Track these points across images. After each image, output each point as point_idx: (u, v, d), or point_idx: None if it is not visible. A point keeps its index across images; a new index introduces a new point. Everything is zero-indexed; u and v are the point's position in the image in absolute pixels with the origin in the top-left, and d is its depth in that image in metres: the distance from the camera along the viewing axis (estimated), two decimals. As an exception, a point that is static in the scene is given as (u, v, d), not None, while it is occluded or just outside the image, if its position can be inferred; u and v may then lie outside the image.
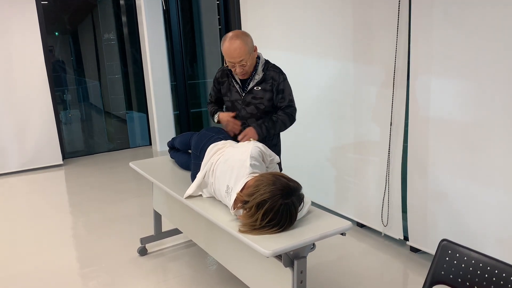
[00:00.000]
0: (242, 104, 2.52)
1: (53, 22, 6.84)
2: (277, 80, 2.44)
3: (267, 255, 1.60)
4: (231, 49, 2.31)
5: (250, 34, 2.39)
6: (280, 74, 2.46)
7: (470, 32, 2.28)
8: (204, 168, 2.16)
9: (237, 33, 2.35)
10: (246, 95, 2.49)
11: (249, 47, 2.34)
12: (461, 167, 2.46)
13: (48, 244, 3.34)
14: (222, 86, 2.60)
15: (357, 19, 2.99)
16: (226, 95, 2.59)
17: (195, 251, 3.11)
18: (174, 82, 6.32)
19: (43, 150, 5.59)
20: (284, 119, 2.45)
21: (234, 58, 2.33)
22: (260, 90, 2.46)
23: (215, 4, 5.88)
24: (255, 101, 2.48)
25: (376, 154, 3.06)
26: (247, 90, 2.48)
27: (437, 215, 2.66)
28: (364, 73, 3.03)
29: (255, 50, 2.41)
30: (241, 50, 2.31)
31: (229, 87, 2.55)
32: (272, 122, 2.44)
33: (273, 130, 2.45)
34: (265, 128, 2.42)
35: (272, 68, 2.48)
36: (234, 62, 2.35)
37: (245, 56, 2.33)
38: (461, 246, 1.48)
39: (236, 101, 2.54)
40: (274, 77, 2.45)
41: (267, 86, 2.45)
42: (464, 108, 2.39)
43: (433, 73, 2.51)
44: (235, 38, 2.31)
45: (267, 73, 2.45)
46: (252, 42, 2.38)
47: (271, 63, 2.51)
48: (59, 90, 6.90)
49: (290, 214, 1.73)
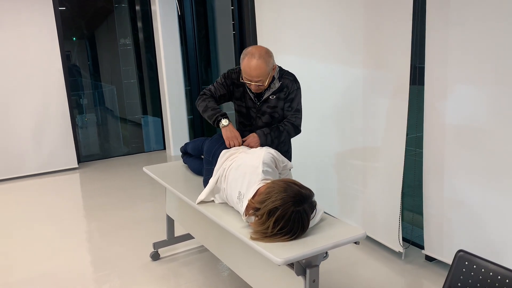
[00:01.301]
0: (257, 113, 2.49)
1: (71, 27, 6.95)
2: (290, 89, 2.41)
3: (279, 263, 1.58)
4: (251, 67, 2.24)
5: (271, 52, 2.31)
6: (293, 82, 2.42)
7: (487, 37, 2.24)
8: (217, 174, 2.15)
9: (260, 52, 2.25)
10: (261, 104, 2.46)
11: (269, 68, 2.27)
12: (479, 174, 2.41)
13: (62, 248, 3.37)
14: (237, 89, 2.51)
15: (370, 25, 2.96)
16: (241, 100, 2.53)
17: (207, 256, 3.10)
18: (188, 87, 6.35)
19: (59, 154, 5.67)
20: (289, 129, 2.42)
21: (252, 77, 2.27)
22: (275, 98, 2.42)
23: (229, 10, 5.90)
24: (270, 110, 2.45)
25: (387, 162, 3.01)
26: (263, 99, 2.45)
27: (453, 223, 2.60)
28: (376, 80, 2.99)
29: (274, 69, 2.34)
30: (261, 70, 2.24)
31: (244, 93, 2.50)
32: (279, 132, 2.40)
33: (277, 139, 2.40)
34: (270, 138, 2.37)
35: (286, 75, 2.43)
36: (251, 80, 2.29)
37: (263, 77, 2.27)
38: (479, 257, 1.45)
39: (251, 109, 2.51)
40: (288, 85, 2.41)
41: (282, 95, 2.42)
42: (482, 114, 2.34)
43: (449, 78, 2.47)
44: (258, 58, 2.23)
45: (283, 81, 2.41)
46: (273, 62, 2.31)
47: (285, 70, 2.47)
48: (76, 94, 6.98)
49: (302, 222, 1.71)
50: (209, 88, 2.53)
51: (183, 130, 6.37)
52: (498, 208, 2.34)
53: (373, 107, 3.05)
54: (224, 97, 2.54)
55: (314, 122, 3.65)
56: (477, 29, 2.28)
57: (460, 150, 2.48)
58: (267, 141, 2.36)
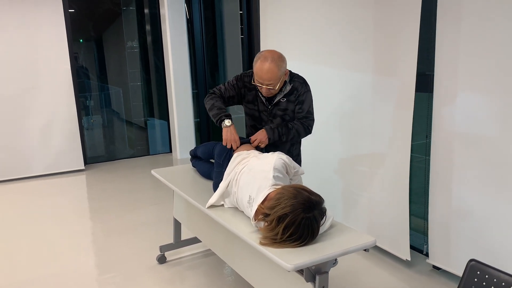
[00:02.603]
0: (269, 116, 2.51)
1: (79, 29, 6.99)
2: (300, 91, 2.44)
3: (289, 269, 1.58)
4: (263, 70, 2.26)
5: (284, 57, 2.33)
6: (303, 85, 2.46)
7: (498, 44, 2.23)
8: (228, 177, 2.15)
9: (273, 56, 2.27)
10: (273, 107, 2.48)
11: (281, 72, 2.29)
12: (487, 183, 2.40)
13: (67, 249, 3.38)
14: (249, 92, 2.53)
15: (377, 30, 2.96)
16: (253, 103, 2.55)
17: (214, 260, 3.10)
18: (195, 90, 6.37)
19: (66, 155, 5.69)
20: (299, 128, 2.44)
21: (263, 80, 2.29)
22: (285, 101, 2.45)
23: (238, 14, 5.92)
24: (281, 113, 2.47)
25: (395, 169, 3.00)
26: (274, 102, 2.47)
27: (460, 232, 2.59)
28: (384, 86, 2.99)
29: (286, 74, 2.36)
30: (273, 74, 2.26)
31: (256, 96, 2.52)
32: (287, 129, 2.42)
33: (285, 137, 2.42)
34: (277, 133, 2.41)
35: (296, 78, 2.46)
36: (262, 84, 2.31)
37: (275, 81, 2.29)
38: (491, 267, 1.44)
39: (262, 112, 2.53)
40: (298, 88, 2.44)
41: (292, 97, 2.45)
42: (491, 123, 2.33)
43: (459, 86, 2.46)
44: (270, 61, 2.25)
45: (293, 84, 2.44)
46: (285, 67, 2.32)
47: (295, 73, 2.49)
48: (82, 96, 7.02)
49: (312, 228, 1.71)
50: (219, 87, 2.55)
51: (190, 133, 6.38)
52: (506, 217, 2.33)
53: (379, 113, 3.05)
54: (233, 99, 2.55)
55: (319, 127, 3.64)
56: (487, 38, 2.28)
57: (468, 158, 2.48)
58: (274, 136, 2.40)
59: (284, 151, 2.49)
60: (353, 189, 3.39)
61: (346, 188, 3.47)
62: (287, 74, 2.40)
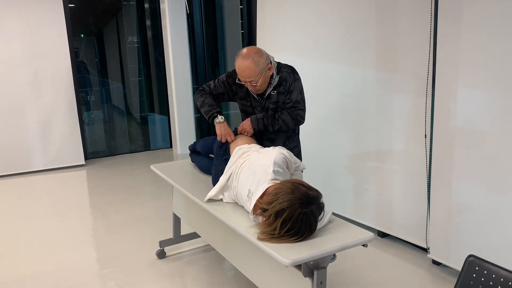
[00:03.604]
0: (262, 110, 2.51)
1: (79, 24, 6.97)
2: (288, 81, 2.41)
3: (287, 265, 1.58)
4: (241, 68, 2.28)
5: (264, 52, 2.32)
6: (291, 74, 2.41)
7: (500, 40, 2.22)
8: (229, 171, 2.15)
9: (249, 52, 2.28)
10: (265, 101, 2.48)
11: (260, 68, 2.27)
12: (488, 179, 2.39)
13: (68, 244, 3.38)
14: (240, 89, 2.53)
15: (381, 25, 2.94)
16: (245, 99, 2.55)
17: (213, 255, 3.10)
18: (196, 85, 6.36)
19: (66, 150, 5.69)
20: (285, 119, 2.42)
21: (244, 78, 2.31)
22: (276, 94, 2.44)
23: (238, 9, 5.90)
24: (273, 106, 2.47)
25: (399, 164, 3.00)
26: (265, 96, 2.46)
27: (461, 228, 2.58)
28: (387, 81, 2.98)
29: (269, 68, 2.34)
30: (251, 71, 2.26)
31: (248, 92, 2.51)
32: (273, 119, 2.42)
33: (271, 127, 2.42)
34: (262, 123, 2.42)
35: (284, 68, 2.43)
36: (245, 81, 2.33)
37: (255, 77, 2.28)
38: (489, 262, 1.43)
39: (256, 108, 2.53)
40: (286, 78, 2.41)
41: (281, 89, 2.43)
42: (493, 119, 2.32)
43: (460, 82, 2.45)
44: (247, 58, 2.26)
45: (281, 75, 2.41)
46: (265, 62, 2.30)
47: (283, 64, 2.47)
48: (83, 91, 7.01)
49: (309, 223, 1.71)
50: (208, 84, 2.57)
51: (190, 128, 6.38)
52: (507, 213, 2.32)
53: (388, 108, 3.03)
54: (223, 95, 2.57)
55: (325, 122, 3.64)
56: (488, 33, 2.26)
57: (470, 154, 2.46)
58: (258, 125, 2.42)
59: (279, 143, 2.49)
60: (362, 183, 3.38)
61: (355, 182, 3.46)
62: (272, 68, 2.37)
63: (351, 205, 3.48)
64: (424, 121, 2.75)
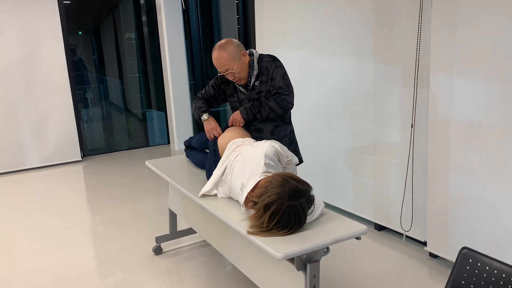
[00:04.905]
0: (249, 102, 2.53)
1: (76, 21, 6.94)
2: (270, 69, 2.44)
3: (279, 258, 1.57)
4: (214, 59, 2.38)
5: (235, 41, 2.41)
6: (272, 62, 2.45)
7: (495, 31, 2.19)
8: (223, 165, 2.14)
9: (219, 43, 2.39)
10: (250, 93, 2.50)
11: (231, 54, 2.36)
12: (484, 171, 2.37)
13: (65, 241, 3.38)
14: (227, 87, 2.60)
15: (377, 17, 2.92)
16: (233, 95, 2.60)
17: (210, 251, 3.09)
18: (192, 81, 6.33)
19: (63, 147, 5.69)
20: (272, 105, 2.44)
21: (219, 67, 2.39)
22: (259, 83, 2.47)
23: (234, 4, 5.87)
24: (257, 96, 2.49)
25: (396, 156, 2.98)
26: (251, 87, 2.49)
27: (458, 221, 2.57)
28: (383, 73, 2.96)
29: (244, 55, 2.40)
30: (222, 59, 2.35)
31: (235, 88, 2.57)
32: (260, 107, 2.44)
33: (259, 114, 2.45)
34: (250, 112, 2.45)
35: (265, 58, 2.47)
36: (223, 72, 2.40)
37: (229, 65, 2.36)
38: (483, 254, 1.42)
39: (243, 101, 2.55)
40: (268, 67, 2.45)
41: (264, 78, 2.46)
42: (488, 110, 2.30)
43: (456, 73, 2.43)
44: (217, 49, 2.37)
45: (262, 64, 2.45)
46: (236, 50, 2.38)
47: (265, 54, 2.51)
48: (81, 88, 6.99)
49: (298, 216, 1.69)
50: (202, 91, 2.68)
51: (187, 124, 6.36)
52: (504, 205, 2.31)
53: (383, 100, 3.02)
54: (215, 98, 2.65)
55: (322, 116, 3.62)
56: (483, 25, 2.24)
57: (466, 146, 2.45)
58: (248, 114, 2.45)
59: (267, 133, 2.49)
60: (360, 176, 3.37)
61: (353, 174, 3.45)
62: (246, 56, 2.42)
63: (350, 198, 3.47)
64: (412, 111, 2.74)
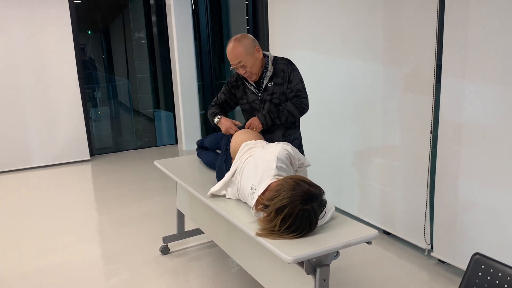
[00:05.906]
0: (260, 103, 2.52)
1: (86, 20, 6.98)
2: (287, 72, 2.45)
3: (289, 261, 1.56)
4: (228, 51, 2.40)
5: (250, 36, 2.43)
6: (288, 65, 2.46)
7: (509, 35, 2.17)
8: (234, 166, 2.14)
9: (235, 37, 2.41)
10: (262, 94, 2.50)
11: (246, 48, 2.37)
12: (494, 177, 2.35)
13: (73, 240, 3.39)
14: (237, 90, 2.61)
15: (388, 19, 2.90)
16: (242, 98, 2.60)
17: (217, 252, 3.09)
18: (201, 82, 6.34)
19: (72, 146, 5.72)
20: (290, 109, 2.44)
21: (232, 60, 2.40)
22: (273, 85, 2.46)
23: (244, 5, 5.87)
24: (269, 97, 2.48)
25: (405, 160, 2.96)
26: (263, 88, 2.48)
27: (466, 227, 2.54)
28: (393, 76, 2.94)
29: (258, 51, 2.41)
30: (237, 51, 2.36)
31: (245, 89, 2.57)
32: (278, 112, 2.44)
33: (278, 119, 2.44)
34: (269, 118, 2.44)
35: (280, 61, 2.48)
36: (234, 64, 2.41)
37: (242, 58, 2.37)
38: (496, 261, 1.40)
39: (254, 102, 2.55)
40: (284, 69, 2.45)
41: (279, 80, 2.45)
42: (500, 115, 2.28)
43: (467, 77, 2.40)
44: (232, 41, 2.39)
45: (277, 66, 2.45)
46: (251, 44, 2.40)
47: (279, 57, 2.52)
48: (90, 87, 7.02)
49: (309, 221, 1.68)
50: (214, 99, 2.71)
51: (196, 125, 6.37)
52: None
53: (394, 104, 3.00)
54: (227, 103, 2.66)
55: (331, 119, 3.61)
56: (497, 26, 2.22)
57: (476, 151, 2.42)
58: (267, 121, 2.44)
59: (279, 135, 2.48)
60: (367, 180, 3.35)
61: (361, 178, 3.43)
62: (260, 51, 2.44)
63: (357, 202, 3.46)
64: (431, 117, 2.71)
